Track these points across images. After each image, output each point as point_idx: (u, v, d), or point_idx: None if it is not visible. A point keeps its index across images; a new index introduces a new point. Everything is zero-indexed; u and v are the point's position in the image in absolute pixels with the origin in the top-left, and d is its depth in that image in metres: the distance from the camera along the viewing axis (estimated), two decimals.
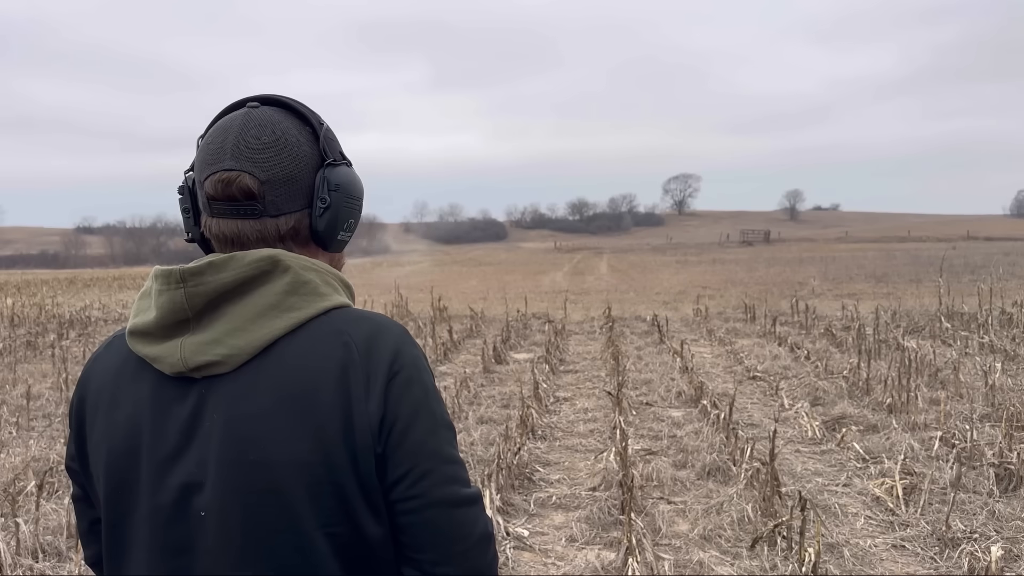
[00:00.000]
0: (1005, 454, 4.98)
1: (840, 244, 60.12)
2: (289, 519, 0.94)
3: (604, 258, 47.33)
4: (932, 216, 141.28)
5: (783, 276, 25.72)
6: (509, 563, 4.02)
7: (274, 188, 1.01)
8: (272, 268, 0.98)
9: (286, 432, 0.93)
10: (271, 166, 1.01)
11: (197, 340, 0.96)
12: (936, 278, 15.76)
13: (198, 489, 0.95)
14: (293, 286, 0.98)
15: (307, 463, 0.93)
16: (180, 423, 0.97)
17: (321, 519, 0.94)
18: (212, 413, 0.96)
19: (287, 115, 1.05)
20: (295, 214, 1.04)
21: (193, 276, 0.97)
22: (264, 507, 0.94)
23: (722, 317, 14.11)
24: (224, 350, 0.95)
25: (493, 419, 6.81)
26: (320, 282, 1.01)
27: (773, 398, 7.51)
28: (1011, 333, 10.52)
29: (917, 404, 6.67)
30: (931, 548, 4.05)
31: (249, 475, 0.94)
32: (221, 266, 0.97)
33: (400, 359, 0.99)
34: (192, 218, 1.07)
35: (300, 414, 0.94)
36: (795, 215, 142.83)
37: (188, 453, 0.96)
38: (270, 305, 0.97)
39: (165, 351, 0.97)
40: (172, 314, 0.97)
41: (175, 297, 0.97)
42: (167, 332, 0.98)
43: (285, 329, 0.96)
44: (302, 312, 0.98)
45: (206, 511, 0.95)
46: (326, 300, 1.00)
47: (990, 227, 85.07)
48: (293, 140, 1.03)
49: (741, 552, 4.04)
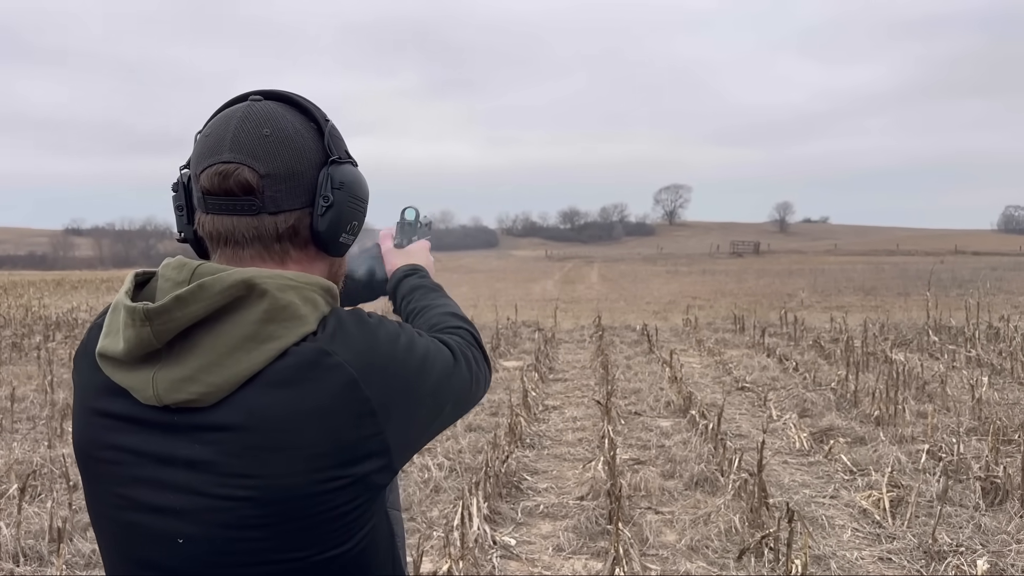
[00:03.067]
0: (991, 468, 5.00)
1: (829, 257, 60.39)
2: (288, 550, 0.91)
3: (595, 267, 47.41)
4: (921, 230, 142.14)
5: (772, 288, 25.82)
6: (496, 572, 4.00)
7: (274, 183, 0.96)
8: (247, 294, 0.90)
9: (278, 468, 0.89)
10: (272, 160, 0.96)
11: (170, 376, 0.90)
12: (924, 292, 15.86)
13: (174, 516, 0.91)
14: (271, 313, 0.90)
15: (305, 496, 0.89)
16: (156, 447, 0.92)
17: (323, 545, 0.92)
18: (191, 444, 0.90)
19: (291, 109, 1.01)
20: (295, 212, 0.98)
21: (159, 315, 0.89)
22: (257, 541, 0.90)
23: (711, 327, 14.14)
24: (200, 388, 0.89)
25: (482, 427, 6.79)
26: (300, 302, 0.93)
27: (761, 409, 7.52)
28: (998, 347, 10.58)
29: (904, 417, 6.69)
30: (917, 561, 4.06)
31: (238, 511, 0.89)
32: (189, 300, 0.89)
33: (403, 366, 0.96)
34: (186, 216, 1.02)
35: (291, 449, 0.89)
36: (785, 227, 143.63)
37: (164, 479, 0.91)
38: (246, 336, 0.90)
39: (137, 382, 0.91)
40: (140, 348, 0.90)
41: (141, 334, 0.90)
42: (137, 362, 0.92)
43: (265, 362, 0.89)
44: (282, 341, 0.90)
45: (185, 539, 0.91)
46: (306, 324, 0.93)
47: (978, 242, 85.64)
48: (296, 134, 0.99)
49: (728, 563, 4.04)
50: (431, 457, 5.76)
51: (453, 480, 5.33)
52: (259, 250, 0.98)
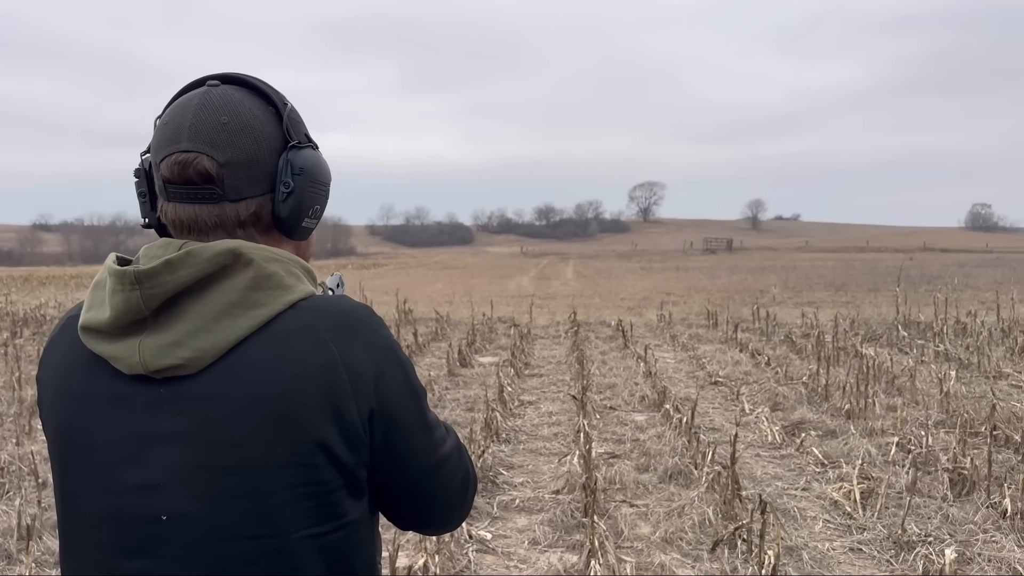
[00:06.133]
0: (959, 459, 5.09)
1: (800, 253, 61.02)
2: (269, 525, 0.91)
3: (570, 263, 47.52)
4: (890, 227, 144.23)
5: (745, 284, 26.03)
6: (472, 566, 4.01)
7: (234, 171, 0.96)
8: (233, 262, 0.92)
9: (261, 436, 0.90)
10: (231, 148, 0.96)
11: (157, 342, 0.91)
12: (894, 288, 16.08)
13: (158, 492, 0.91)
14: (256, 281, 0.92)
15: (286, 465, 0.90)
16: (138, 424, 0.92)
17: (305, 522, 0.92)
18: (175, 416, 0.91)
19: (249, 94, 1.00)
20: (256, 199, 0.99)
21: (149, 278, 0.90)
22: (239, 513, 0.90)
23: (685, 323, 14.23)
24: (187, 352, 0.90)
25: (457, 422, 6.78)
26: (284, 273, 0.95)
27: (734, 403, 7.59)
28: (965, 342, 10.76)
29: (874, 410, 6.79)
30: (887, 551, 4.12)
31: (221, 480, 0.90)
32: (178, 264, 0.91)
33: (379, 351, 0.97)
34: (149, 202, 1.02)
35: (275, 417, 0.90)
36: (757, 224, 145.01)
37: (147, 455, 0.92)
38: (233, 303, 0.91)
39: (122, 351, 0.92)
40: (127, 315, 0.91)
41: (130, 299, 0.91)
42: (123, 331, 0.92)
43: (251, 328, 0.91)
44: (268, 308, 0.92)
45: (168, 515, 0.91)
46: (292, 293, 0.95)
47: (946, 239, 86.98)
48: (255, 120, 0.98)
49: (702, 555, 4.07)
50: None
51: None
52: (222, 237, 0.98)
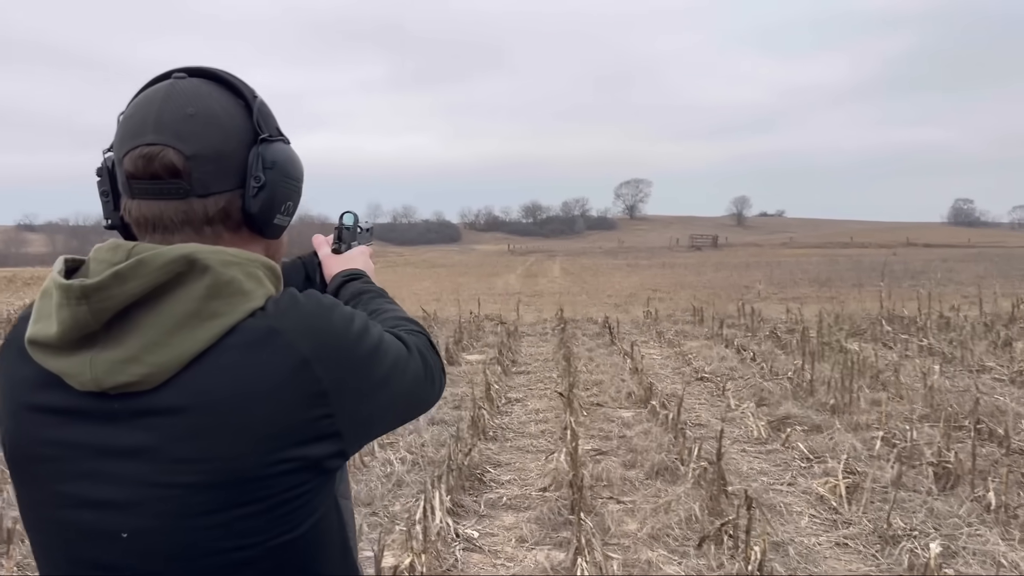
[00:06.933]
0: (943, 453, 5.12)
1: (785, 249, 61.25)
2: (236, 538, 0.88)
3: (557, 261, 47.53)
4: (874, 223, 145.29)
5: (730, 280, 26.13)
6: (459, 565, 4.00)
7: (201, 165, 0.92)
8: (187, 269, 0.87)
9: (224, 452, 0.85)
10: (198, 140, 0.92)
11: (109, 357, 0.85)
12: (878, 283, 16.19)
13: (117, 509, 0.87)
14: (214, 289, 0.87)
15: (252, 480, 0.86)
16: (95, 438, 0.88)
17: (273, 531, 0.89)
18: (134, 431, 0.86)
19: (216, 87, 0.97)
20: (225, 194, 0.95)
21: (96, 292, 0.85)
22: (203, 530, 0.87)
23: (671, 319, 14.26)
24: (143, 369, 0.85)
25: (444, 420, 6.77)
26: (244, 277, 0.90)
27: (720, 399, 7.61)
28: (948, 336, 10.84)
29: (859, 405, 6.83)
30: (872, 546, 4.15)
31: (183, 498, 0.86)
32: (127, 275, 0.85)
33: (344, 348, 0.93)
34: (112, 202, 0.98)
35: (238, 431, 0.85)
36: (742, 221, 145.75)
37: (105, 471, 0.87)
38: (189, 313, 0.86)
39: (72, 367, 0.86)
40: (76, 330, 0.86)
41: (77, 314, 0.85)
42: (73, 345, 0.86)
43: (210, 340, 0.86)
44: (227, 318, 0.87)
45: (129, 533, 0.87)
46: (252, 300, 0.89)
47: (929, 234, 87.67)
48: (223, 112, 0.95)
49: (688, 551, 4.08)
50: (393, 451, 5.74)
51: (416, 474, 5.31)
52: (189, 234, 0.94)
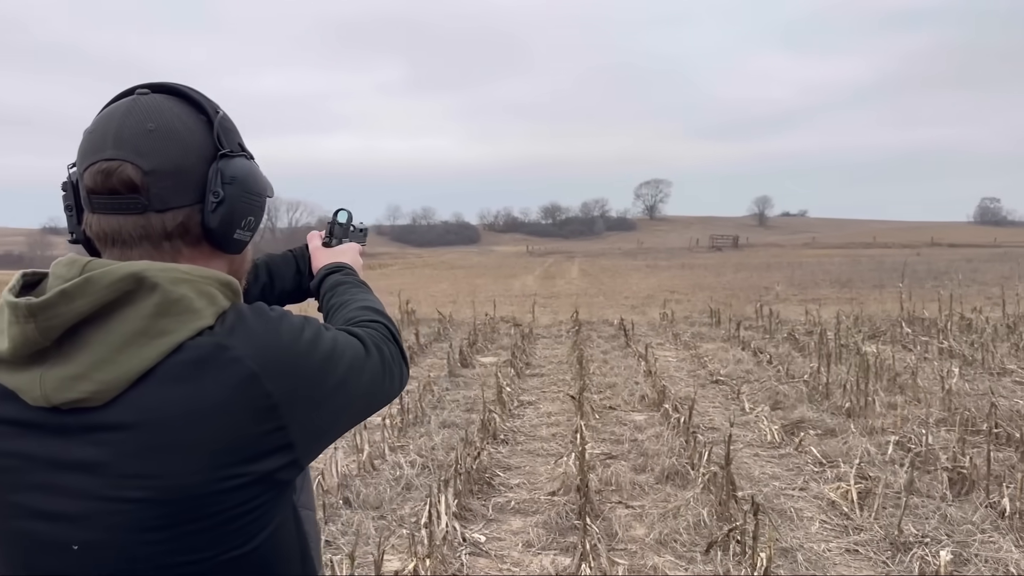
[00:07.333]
0: (958, 458, 5.05)
1: (807, 250, 60.79)
2: (189, 553, 0.88)
3: (575, 262, 47.47)
4: (898, 223, 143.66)
5: (750, 281, 25.96)
6: (464, 569, 3.99)
7: (159, 180, 0.93)
8: (136, 287, 0.88)
9: (175, 469, 0.86)
10: (156, 155, 0.93)
11: (59, 374, 0.86)
12: (899, 284, 16.00)
13: (68, 521, 0.88)
14: (162, 307, 0.88)
15: (203, 496, 0.87)
16: (48, 451, 0.88)
17: (226, 544, 0.90)
18: (85, 445, 0.87)
19: (178, 102, 0.98)
20: (184, 209, 0.96)
21: (43, 310, 0.86)
22: (155, 544, 0.87)
23: (688, 321, 14.19)
24: (91, 386, 0.86)
25: (456, 423, 6.77)
26: (195, 295, 0.91)
27: (734, 402, 7.56)
28: (969, 338, 10.69)
29: (875, 408, 6.75)
30: (883, 552, 4.09)
31: (134, 513, 0.87)
32: (74, 294, 0.86)
33: (296, 360, 0.93)
34: (75, 216, 0.99)
35: (189, 448, 0.86)
36: (764, 221, 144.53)
37: (58, 483, 0.88)
38: (138, 331, 0.87)
39: (23, 383, 0.88)
40: (26, 347, 0.87)
41: (26, 331, 0.86)
42: (24, 361, 0.88)
43: (157, 358, 0.87)
44: (175, 336, 0.88)
45: (80, 545, 0.88)
46: (201, 318, 0.90)
47: (954, 234, 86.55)
48: (183, 128, 0.96)
49: (695, 557, 4.05)
50: (403, 455, 5.75)
51: (425, 477, 5.31)
52: (148, 249, 0.95)
